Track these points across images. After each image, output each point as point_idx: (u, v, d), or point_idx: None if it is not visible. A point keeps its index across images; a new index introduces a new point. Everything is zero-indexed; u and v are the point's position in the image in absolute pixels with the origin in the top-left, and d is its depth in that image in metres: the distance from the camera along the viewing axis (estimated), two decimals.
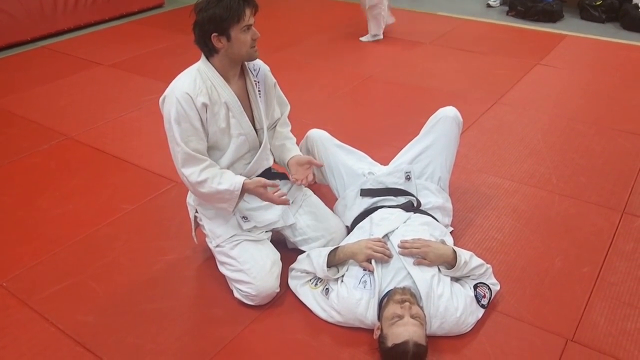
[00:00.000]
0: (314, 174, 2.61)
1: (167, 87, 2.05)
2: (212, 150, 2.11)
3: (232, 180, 2.04)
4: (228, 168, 2.14)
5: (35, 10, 5.12)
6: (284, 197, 2.10)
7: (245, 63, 2.12)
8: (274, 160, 2.34)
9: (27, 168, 3.16)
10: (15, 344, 2.02)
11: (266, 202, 2.19)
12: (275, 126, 2.33)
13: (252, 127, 2.15)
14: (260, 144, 2.20)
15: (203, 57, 2.05)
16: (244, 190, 2.05)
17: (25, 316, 2.14)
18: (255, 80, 2.16)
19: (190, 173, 2.02)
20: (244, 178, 2.06)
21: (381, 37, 5.00)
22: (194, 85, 1.99)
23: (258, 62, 2.18)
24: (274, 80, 2.26)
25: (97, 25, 5.59)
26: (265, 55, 2.06)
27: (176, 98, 1.97)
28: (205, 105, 2.00)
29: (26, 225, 2.68)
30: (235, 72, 2.09)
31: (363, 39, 5.01)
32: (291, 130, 2.39)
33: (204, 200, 2.16)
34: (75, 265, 2.39)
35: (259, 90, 2.17)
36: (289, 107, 2.39)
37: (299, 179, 2.18)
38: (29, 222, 2.70)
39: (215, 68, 2.03)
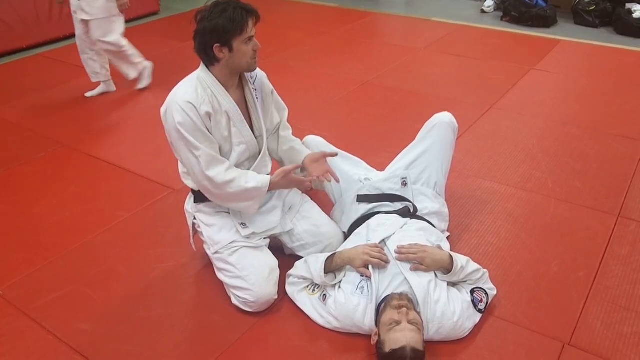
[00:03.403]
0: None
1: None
2: None
3: (258, 179, 2.09)
4: None
5: (30, 18, 5.12)
6: (308, 180, 2.19)
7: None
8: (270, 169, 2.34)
9: (23, 176, 3.15)
10: (12, 353, 2.01)
11: (264, 208, 2.21)
12: (276, 131, 2.33)
13: (253, 135, 2.15)
14: (260, 151, 2.20)
15: (202, 66, 2.04)
16: (271, 186, 2.11)
17: (22, 324, 2.13)
18: (253, 88, 2.16)
19: (217, 174, 2.02)
20: (269, 176, 2.12)
21: (145, 85, 4.18)
22: (196, 94, 1.98)
23: (255, 70, 2.18)
24: (271, 87, 2.26)
25: None
26: (260, 61, 2.07)
27: (180, 107, 1.95)
28: (208, 114, 2.00)
29: (22, 233, 2.67)
30: (235, 81, 2.09)
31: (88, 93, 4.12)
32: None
33: (226, 200, 2.13)
34: (71, 273, 2.38)
35: (257, 98, 2.17)
36: (287, 111, 2.39)
37: (319, 175, 2.20)
38: (25, 230, 2.69)
39: (215, 77, 2.03)
